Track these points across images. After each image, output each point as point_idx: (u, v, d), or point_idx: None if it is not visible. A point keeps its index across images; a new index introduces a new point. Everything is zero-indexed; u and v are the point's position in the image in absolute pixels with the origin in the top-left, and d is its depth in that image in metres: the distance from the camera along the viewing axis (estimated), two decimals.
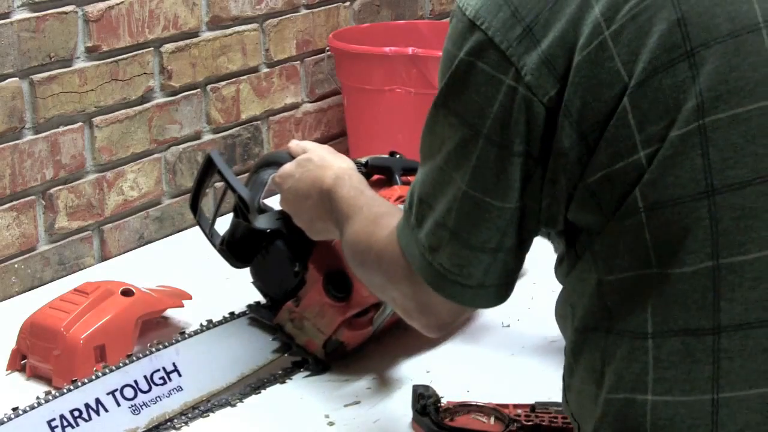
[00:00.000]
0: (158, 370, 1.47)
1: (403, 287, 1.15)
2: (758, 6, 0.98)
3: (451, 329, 1.19)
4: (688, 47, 0.97)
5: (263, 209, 1.55)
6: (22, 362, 1.57)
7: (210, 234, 1.63)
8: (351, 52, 2.20)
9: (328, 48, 2.30)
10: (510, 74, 1.00)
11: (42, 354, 1.52)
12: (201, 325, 1.56)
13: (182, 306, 1.66)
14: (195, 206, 1.64)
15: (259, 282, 1.62)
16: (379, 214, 1.24)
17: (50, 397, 1.39)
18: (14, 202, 1.83)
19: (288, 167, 1.48)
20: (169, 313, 1.67)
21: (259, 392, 1.53)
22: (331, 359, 1.58)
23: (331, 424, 1.47)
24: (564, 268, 1.08)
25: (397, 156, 1.65)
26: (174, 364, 1.49)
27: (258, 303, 1.62)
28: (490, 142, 1.02)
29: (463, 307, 1.13)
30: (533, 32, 1.00)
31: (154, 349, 1.49)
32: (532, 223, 1.06)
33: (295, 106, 2.31)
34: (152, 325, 1.64)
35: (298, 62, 2.30)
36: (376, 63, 2.17)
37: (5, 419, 1.35)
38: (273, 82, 2.25)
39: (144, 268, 1.92)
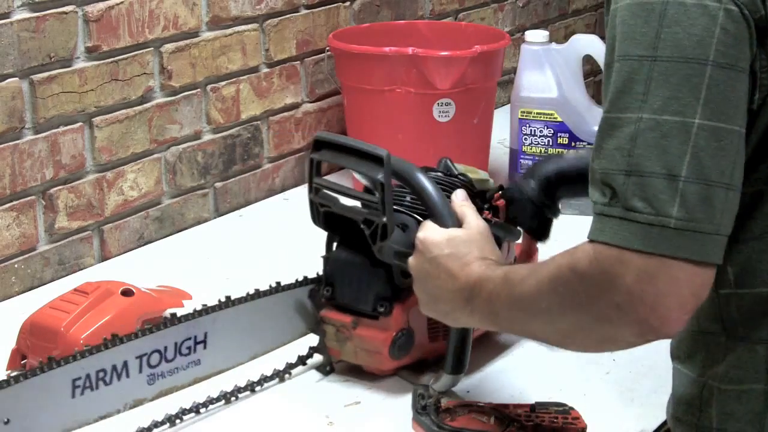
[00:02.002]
0: (189, 338, 1.51)
1: (624, 289, 1.09)
2: None
3: (687, 315, 1.12)
4: None
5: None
6: (22, 362, 1.57)
7: (312, 186, 1.53)
8: (351, 52, 2.20)
9: (328, 48, 2.30)
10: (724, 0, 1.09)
11: (42, 354, 1.52)
12: (248, 293, 1.58)
13: (182, 306, 1.66)
14: (319, 147, 1.51)
15: (332, 273, 1.55)
16: (556, 257, 1.18)
17: (87, 354, 1.42)
18: (14, 202, 1.83)
19: (438, 237, 1.37)
20: (169, 313, 1.67)
21: (258, 392, 1.53)
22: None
23: (331, 424, 1.47)
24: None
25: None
26: (205, 335, 1.52)
27: (317, 289, 1.58)
28: (718, 66, 1.09)
29: (702, 272, 1.09)
30: None
31: (196, 315, 1.52)
32: (743, 155, 1.12)
33: (295, 106, 2.31)
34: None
35: (298, 62, 2.30)
36: (376, 63, 2.17)
37: (38, 371, 1.38)
38: (273, 82, 2.25)
39: (144, 268, 1.92)
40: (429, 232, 1.38)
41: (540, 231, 1.58)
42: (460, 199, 1.45)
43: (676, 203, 1.07)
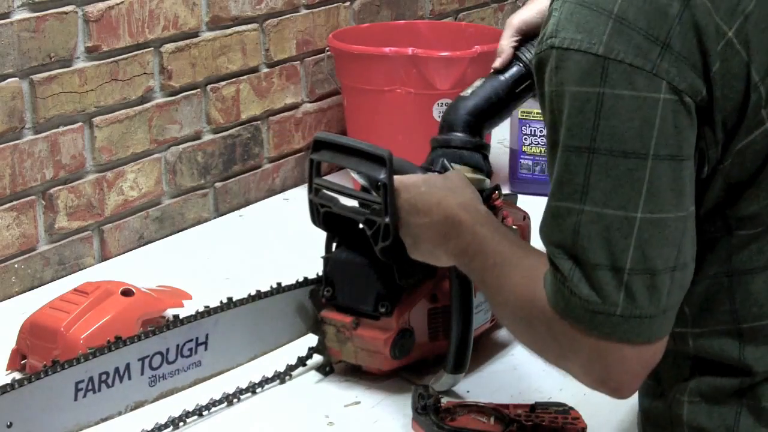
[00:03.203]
0: (191, 340, 1.52)
1: (579, 358, 1.14)
2: None
3: (641, 380, 1.15)
4: None
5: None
6: (22, 362, 1.57)
7: (312, 186, 1.53)
8: (351, 52, 2.20)
9: (328, 48, 2.30)
10: (663, 89, 1.07)
11: (42, 354, 1.52)
12: (249, 294, 1.58)
13: (182, 306, 1.66)
14: (319, 148, 1.51)
15: (333, 273, 1.54)
16: (530, 265, 1.20)
17: (90, 356, 1.42)
18: (14, 202, 1.83)
19: (415, 178, 1.42)
20: (169, 313, 1.67)
21: (259, 392, 1.53)
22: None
23: (331, 424, 1.47)
24: None
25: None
26: (207, 336, 1.53)
27: (317, 290, 1.57)
28: (659, 158, 1.07)
29: (652, 347, 1.11)
30: (671, 46, 1.06)
31: (198, 316, 1.52)
32: (694, 233, 1.12)
33: (295, 106, 2.31)
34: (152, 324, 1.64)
35: (298, 62, 2.30)
36: (376, 63, 2.17)
37: (42, 374, 1.39)
38: (273, 82, 2.25)
39: (144, 268, 1.92)
40: (405, 177, 1.42)
41: (482, 171, 1.58)
42: None
43: (621, 294, 1.09)
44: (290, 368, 1.57)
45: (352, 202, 1.51)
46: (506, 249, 1.25)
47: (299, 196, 2.24)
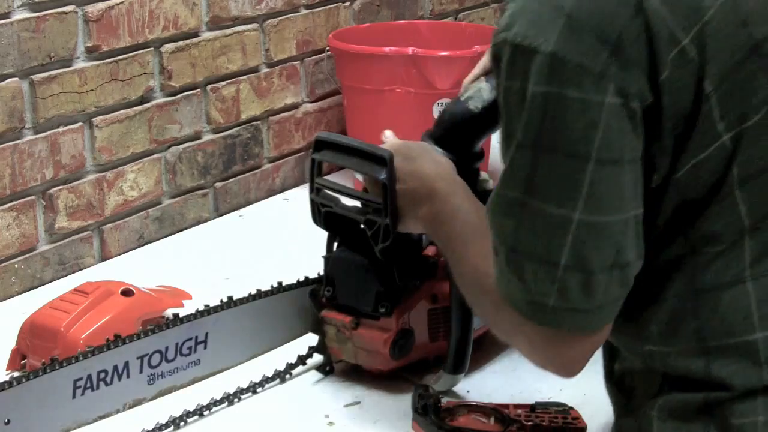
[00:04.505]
0: (190, 338, 1.52)
1: (523, 339, 1.16)
2: None
3: (585, 363, 1.17)
4: (752, 43, 1.08)
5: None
6: (22, 362, 1.57)
7: (313, 186, 1.53)
8: (351, 52, 2.20)
9: (328, 48, 2.30)
10: (609, 92, 1.05)
11: (42, 354, 1.52)
12: (250, 294, 1.59)
13: (182, 306, 1.66)
14: (320, 148, 1.52)
15: (333, 273, 1.54)
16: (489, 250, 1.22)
17: (89, 354, 1.43)
18: (14, 202, 1.83)
19: (395, 146, 1.45)
20: (169, 313, 1.67)
21: (259, 392, 1.53)
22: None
23: (331, 424, 1.47)
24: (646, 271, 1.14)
25: None
26: (206, 335, 1.53)
27: (318, 290, 1.57)
28: (601, 162, 1.06)
29: (591, 336, 1.13)
30: (621, 49, 1.05)
31: (198, 315, 1.53)
32: (640, 233, 1.11)
33: (295, 106, 2.31)
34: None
35: (298, 62, 2.30)
36: (376, 63, 2.17)
37: (41, 372, 1.39)
38: (273, 82, 2.25)
39: (144, 268, 1.92)
40: (388, 144, 1.47)
41: (472, 182, 1.55)
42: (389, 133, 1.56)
43: (554, 290, 1.09)
44: (290, 366, 1.57)
45: (354, 202, 1.51)
46: (474, 222, 1.27)
47: (299, 196, 2.24)
